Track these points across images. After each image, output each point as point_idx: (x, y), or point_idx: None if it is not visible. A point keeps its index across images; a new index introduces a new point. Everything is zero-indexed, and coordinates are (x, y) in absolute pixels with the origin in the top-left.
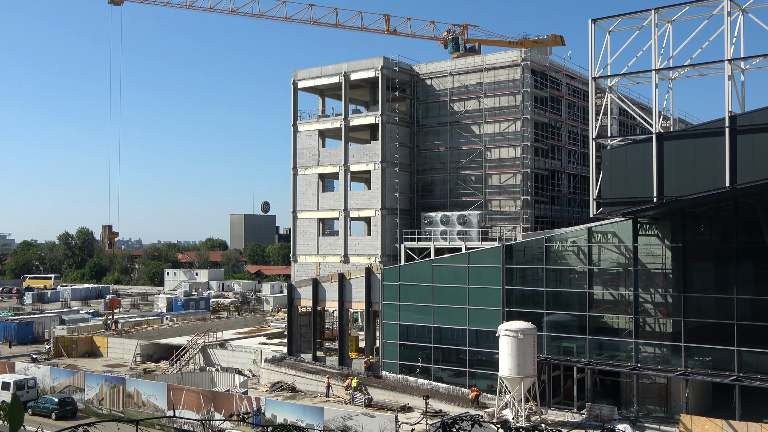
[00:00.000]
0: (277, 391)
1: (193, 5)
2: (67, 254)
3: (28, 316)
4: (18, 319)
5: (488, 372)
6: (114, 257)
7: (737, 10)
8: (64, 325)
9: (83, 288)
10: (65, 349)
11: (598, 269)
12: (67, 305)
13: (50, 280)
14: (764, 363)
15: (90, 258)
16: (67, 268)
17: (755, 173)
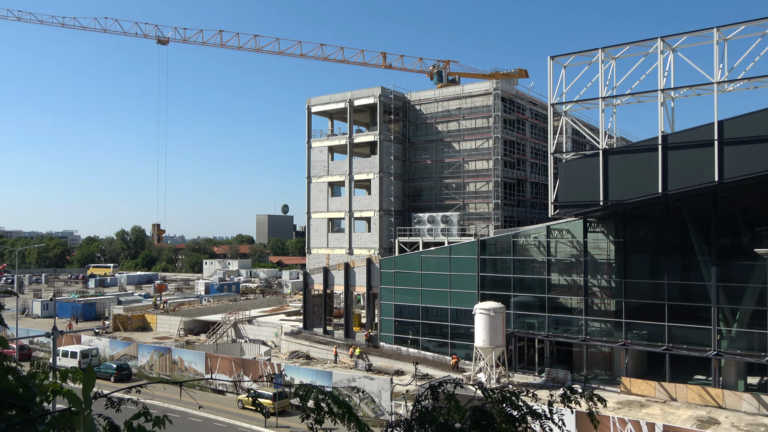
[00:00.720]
0: (295, 359)
1: (226, 44)
2: (123, 247)
3: (91, 298)
4: (83, 300)
5: (466, 343)
6: (161, 250)
7: (668, 49)
8: (120, 305)
9: (136, 275)
10: (122, 325)
11: (555, 259)
12: (123, 289)
13: (109, 269)
14: (689, 335)
15: (142, 250)
16: (123, 259)
17: (682, 181)
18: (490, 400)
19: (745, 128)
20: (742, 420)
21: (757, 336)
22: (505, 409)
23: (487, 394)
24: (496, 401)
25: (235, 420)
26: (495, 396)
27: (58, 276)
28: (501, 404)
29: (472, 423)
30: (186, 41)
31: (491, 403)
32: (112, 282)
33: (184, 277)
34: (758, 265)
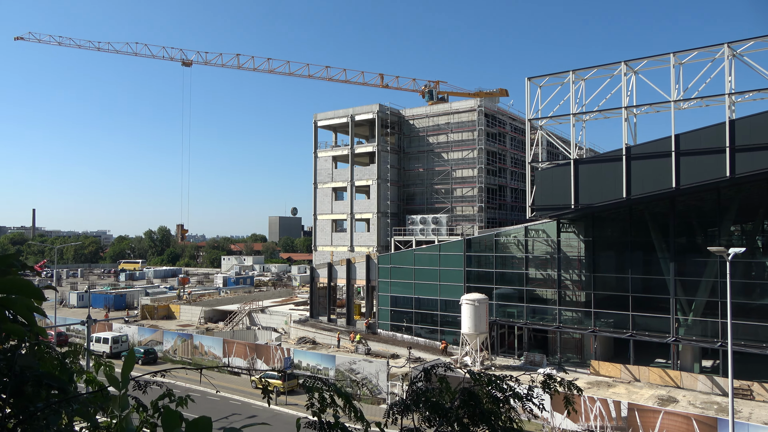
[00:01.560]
0: (302, 344)
1: (242, 66)
2: (150, 245)
3: (122, 290)
4: (114, 292)
5: (453, 330)
6: (184, 247)
7: (631, 72)
8: (148, 297)
9: (162, 269)
10: (149, 314)
11: (532, 256)
12: (150, 282)
13: (138, 264)
14: (650, 323)
15: (167, 248)
16: (150, 255)
17: (644, 188)
18: (477, 382)
19: (698, 141)
20: (697, 399)
21: (710, 324)
22: (491, 391)
23: (474, 377)
24: (483, 383)
25: (248, 398)
26: (482, 379)
27: (93, 270)
28: (487, 386)
29: (460, 403)
30: (207, 63)
31: (478, 386)
32: (141, 276)
33: (205, 271)
34: (711, 262)
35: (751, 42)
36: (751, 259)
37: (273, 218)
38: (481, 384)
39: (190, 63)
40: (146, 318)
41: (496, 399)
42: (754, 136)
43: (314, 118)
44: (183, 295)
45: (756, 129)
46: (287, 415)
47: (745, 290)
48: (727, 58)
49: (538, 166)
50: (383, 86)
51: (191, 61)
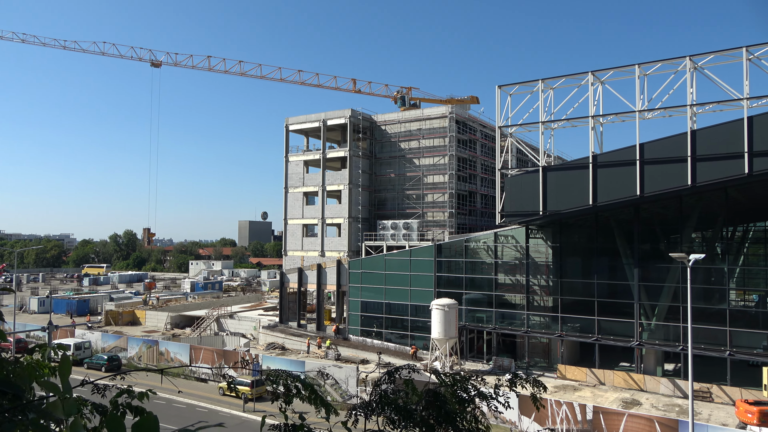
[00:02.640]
0: (271, 349)
1: (213, 68)
2: (115, 249)
3: (85, 295)
4: (77, 297)
5: (424, 335)
6: (151, 252)
7: (598, 82)
8: (112, 302)
9: (127, 274)
10: (113, 320)
11: (502, 262)
12: (115, 287)
13: (102, 268)
14: (615, 328)
15: (133, 252)
16: (115, 260)
17: (609, 195)
18: (442, 384)
19: (661, 150)
20: (660, 401)
21: (672, 328)
22: (456, 392)
23: (440, 379)
24: (448, 385)
25: (216, 405)
26: (447, 380)
27: (55, 275)
28: (453, 387)
29: (426, 404)
30: (177, 65)
31: (444, 387)
32: (105, 281)
33: (172, 276)
34: (673, 267)
35: (711, 56)
36: (710, 265)
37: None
38: (446, 385)
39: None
40: (110, 324)
41: (461, 399)
42: (714, 147)
43: (286, 122)
44: (149, 301)
45: (715, 139)
46: (255, 422)
47: (705, 295)
48: (689, 71)
49: (508, 173)
50: (356, 91)
51: (160, 62)
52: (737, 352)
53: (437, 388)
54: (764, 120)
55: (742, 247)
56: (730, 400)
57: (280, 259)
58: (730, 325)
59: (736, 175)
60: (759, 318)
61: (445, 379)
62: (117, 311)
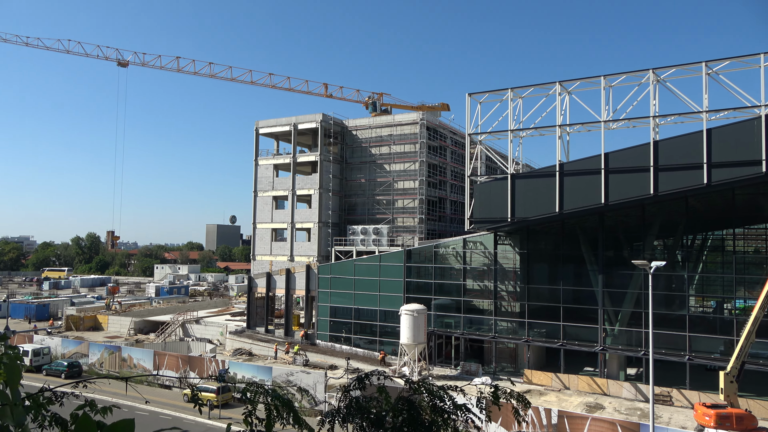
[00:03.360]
0: (238, 355)
1: (182, 69)
2: (78, 252)
3: (45, 299)
4: (37, 301)
5: (393, 340)
6: (115, 255)
7: (565, 92)
8: (73, 306)
9: (90, 278)
10: (74, 325)
11: (470, 267)
12: (76, 291)
13: (64, 272)
14: (580, 333)
15: (96, 255)
16: (77, 263)
17: (575, 203)
18: (416, 392)
19: (625, 160)
20: (622, 405)
21: (635, 333)
22: (434, 401)
23: (413, 387)
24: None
25: (180, 413)
26: (420, 389)
27: (13, 279)
28: (428, 396)
29: (398, 413)
30: (145, 65)
31: (419, 395)
32: (66, 285)
33: (136, 280)
34: (635, 274)
35: (673, 69)
36: (671, 272)
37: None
38: (420, 393)
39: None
40: (71, 329)
41: (441, 410)
42: (675, 157)
43: (256, 125)
44: (112, 305)
45: (677, 151)
46: (220, 429)
47: (666, 302)
48: (652, 83)
49: (477, 180)
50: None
51: (127, 62)
52: (696, 356)
53: (411, 396)
54: (722, 133)
55: (701, 255)
56: (689, 404)
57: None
58: (690, 330)
59: (695, 186)
60: (716, 324)
61: (420, 387)
62: (78, 316)
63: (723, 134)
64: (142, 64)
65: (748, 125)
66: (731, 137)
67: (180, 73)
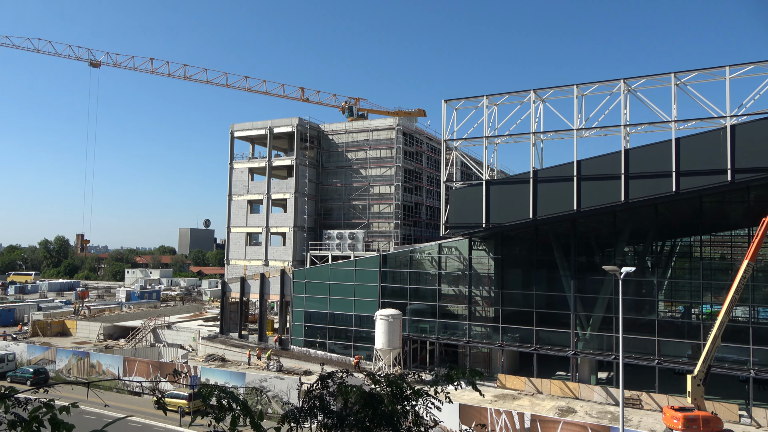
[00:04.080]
0: (211, 361)
1: (156, 71)
2: (45, 256)
3: (10, 304)
4: (1, 306)
5: (368, 345)
6: (85, 259)
7: (539, 100)
8: (41, 311)
9: (58, 282)
10: (41, 330)
11: (445, 272)
12: (44, 296)
13: (31, 276)
14: (553, 338)
15: (65, 259)
16: (45, 267)
17: (548, 209)
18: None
19: (597, 168)
20: (593, 409)
21: (606, 338)
22: (393, 391)
23: (374, 379)
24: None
25: (151, 420)
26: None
27: None
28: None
29: (360, 406)
30: (117, 65)
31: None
32: (33, 289)
33: (107, 285)
34: (607, 279)
35: (643, 79)
36: (641, 278)
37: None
38: (378, 383)
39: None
40: (38, 335)
41: (397, 398)
42: (645, 165)
43: (231, 128)
44: (81, 310)
45: (647, 159)
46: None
47: (636, 307)
48: (623, 93)
49: (453, 186)
50: (303, 100)
51: (99, 62)
52: (665, 360)
53: (372, 390)
54: (690, 142)
55: (670, 261)
56: (658, 407)
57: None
58: (659, 335)
59: (664, 193)
60: (684, 328)
61: (381, 379)
62: (45, 321)
63: (691, 144)
64: (115, 64)
65: (714, 135)
66: (699, 147)
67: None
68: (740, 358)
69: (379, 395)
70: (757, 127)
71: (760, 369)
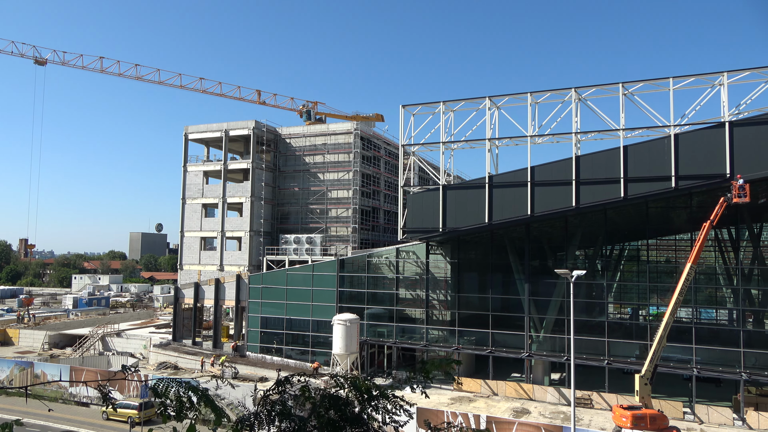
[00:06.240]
0: (163, 369)
1: (106, 70)
2: None
3: None
4: None
5: (325, 350)
6: (29, 264)
7: (494, 107)
8: None
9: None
10: None
11: (403, 277)
12: None
13: None
14: (508, 340)
15: (7, 265)
16: None
17: (503, 214)
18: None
19: (550, 174)
20: (547, 409)
21: (559, 340)
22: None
23: (337, 382)
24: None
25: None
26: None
27: None
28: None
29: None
30: (65, 64)
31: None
32: None
33: (52, 291)
34: (559, 283)
35: (593, 89)
36: (591, 281)
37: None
38: (342, 386)
39: (44, 62)
40: None
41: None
42: (595, 172)
43: (185, 130)
44: (25, 318)
45: (596, 166)
46: None
47: (587, 309)
48: (574, 101)
49: (410, 190)
50: (260, 103)
51: (46, 60)
52: (614, 361)
53: (336, 392)
54: (637, 150)
55: (619, 265)
56: (608, 406)
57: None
58: (609, 336)
59: (613, 199)
60: (633, 329)
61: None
62: None
63: (638, 151)
64: (62, 63)
65: (659, 143)
66: (645, 154)
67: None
68: (684, 357)
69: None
70: (698, 137)
71: (702, 367)
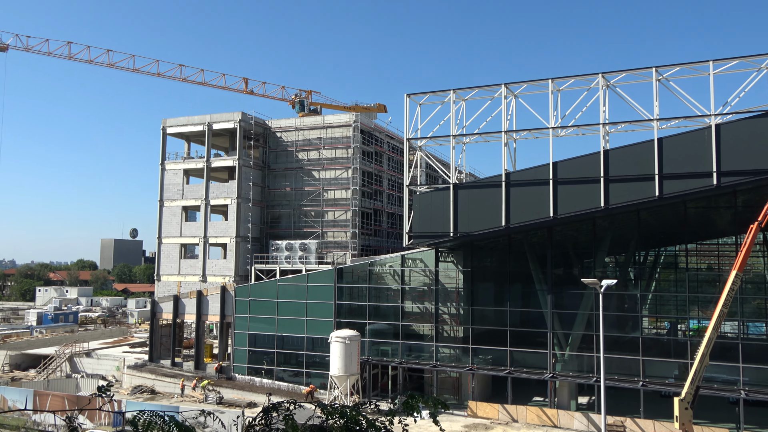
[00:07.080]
0: (138, 394)
1: (74, 57)
2: None
3: None
4: None
5: (322, 372)
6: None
7: (511, 95)
8: None
9: None
10: None
11: (409, 288)
12: None
13: None
14: (529, 359)
15: None
16: None
17: (522, 216)
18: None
19: (575, 170)
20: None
21: (586, 358)
22: (347, 424)
23: (326, 411)
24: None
25: None
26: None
27: None
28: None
29: None
30: (29, 50)
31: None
32: None
33: (13, 306)
34: (586, 294)
35: (623, 74)
36: (623, 291)
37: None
38: (332, 416)
39: (5, 47)
40: None
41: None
42: (626, 168)
43: (163, 123)
44: None
45: (627, 161)
46: None
47: (618, 323)
48: (601, 88)
49: (417, 190)
50: (248, 92)
51: (6, 46)
52: (650, 382)
53: (323, 423)
54: (673, 143)
55: (654, 273)
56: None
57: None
58: (643, 354)
59: (647, 198)
60: (670, 346)
61: (334, 411)
62: None
63: (674, 144)
64: (26, 48)
65: (698, 135)
66: (682, 147)
67: (72, 61)
68: (730, 377)
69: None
70: (743, 126)
71: (750, 389)
